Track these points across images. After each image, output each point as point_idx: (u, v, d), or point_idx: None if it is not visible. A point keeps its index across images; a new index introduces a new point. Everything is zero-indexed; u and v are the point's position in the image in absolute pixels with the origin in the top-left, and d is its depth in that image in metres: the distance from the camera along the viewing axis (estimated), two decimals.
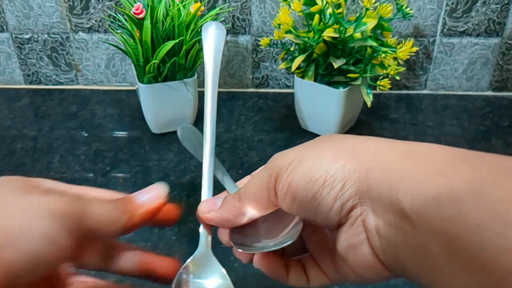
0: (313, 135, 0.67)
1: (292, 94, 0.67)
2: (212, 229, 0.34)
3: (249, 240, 0.32)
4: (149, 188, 0.31)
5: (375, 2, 0.56)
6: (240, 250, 0.32)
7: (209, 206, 0.33)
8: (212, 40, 0.39)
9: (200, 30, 0.63)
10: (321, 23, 0.59)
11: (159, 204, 0.31)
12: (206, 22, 0.41)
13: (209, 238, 0.34)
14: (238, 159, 0.62)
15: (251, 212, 0.31)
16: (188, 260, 0.34)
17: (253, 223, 0.32)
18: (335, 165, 0.27)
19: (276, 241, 0.31)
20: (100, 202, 0.28)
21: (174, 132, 0.68)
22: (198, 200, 0.35)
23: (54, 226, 0.25)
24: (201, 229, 0.34)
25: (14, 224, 0.24)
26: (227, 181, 0.37)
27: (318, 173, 0.27)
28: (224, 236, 0.33)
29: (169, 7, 0.62)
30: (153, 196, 0.31)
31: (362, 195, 0.26)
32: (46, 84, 0.80)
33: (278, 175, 0.29)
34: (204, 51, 0.39)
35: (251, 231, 0.33)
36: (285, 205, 0.29)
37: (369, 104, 0.59)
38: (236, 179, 0.38)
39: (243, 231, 0.33)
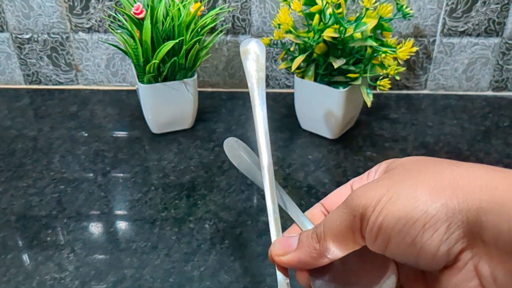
0: (313, 135, 0.67)
1: (292, 94, 0.67)
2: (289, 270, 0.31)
3: (332, 287, 0.29)
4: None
5: (375, 2, 0.56)
6: None
7: (283, 247, 0.30)
8: (255, 57, 0.37)
9: (200, 30, 0.63)
10: (321, 23, 0.59)
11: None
12: (244, 40, 0.39)
13: (288, 281, 0.31)
14: None
15: (334, 253, 0.27)
16: None
17: (335, 264, 0.29)
18: (434, 203, 0.23)
19: None
20: None
21: (174, 132, 0.68)
22: (198, 200, 0.35)
23: None
24: (278, 272, 0.31)
25: None
26: (294, 212, 0.34)
27: (416, 214, 0.23)
28: (302, 278, 0.30)
29: (169, 7, 0.62)
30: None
31: (472, 237, 0.23)
32: (46, 84, 0.80)
33: (363, 216, 0.25)
34: (248, 69, 0.37)
35: (335, 274, 0.30)
36: (376, 248, 0.26)
37: (369, 104, 0.59)
38: (236, 179, 0.37)
39: (324, 273, 0.30)
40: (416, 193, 0.24)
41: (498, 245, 0.22)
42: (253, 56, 0.38)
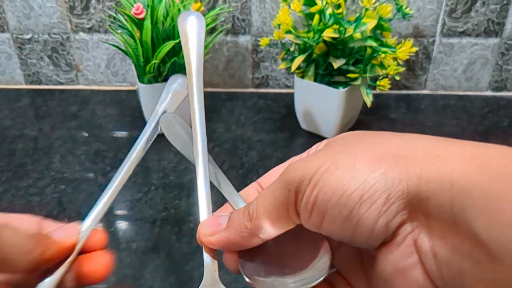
0: (313, 135, 0.67)
1: (292, 94, 0.67)
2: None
3: (263, 270, 0.27)
4: (65, 226, 0.28)
5: (375, 2, 0.56)
6: (249, 281, 0.26)
7: (212, 227, 0.27)
8: (195, 31, 0.35)
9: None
10: (321, 23, 0.59)
11: (73, 242, 0.27)
12: (182, 12, 0.37)
13: (215, 263, 0.28)
14: (238, 159, 0.62)
15: (267, 232, 0.25)
16: None
17: (266, 246, 0.27)
18: (373, 173, 0.22)
19: (298, 277, 0.25)
20: (14, 231, 0.25)
21: None
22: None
23: None
24: (205, 254, 0.28)
25: None
26: (228, 191, 0.32)
27: (353, 184, 0.21)
28: (230, 261, 0.28)
29: (169, 7, 0.62)
30: (68, 233, 0.27)
31: (412, 209, 0.21)
32: (47, 84, 0.80)
33: (299, 190, 0.23)
34: (185, 43, 0.34)
35: (266, 256, 0.28)
36: (311, 224, 0.24)
37: (369, 104, 0.59)
38: (236, 179, 0.38)
39: (255, 256, 0.28)
40: (355, 163, 0.22)
41: (439, 217, 0.20)
42: (193, 27, 0.36)
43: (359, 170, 0.22)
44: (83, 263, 0.28)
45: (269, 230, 0.25)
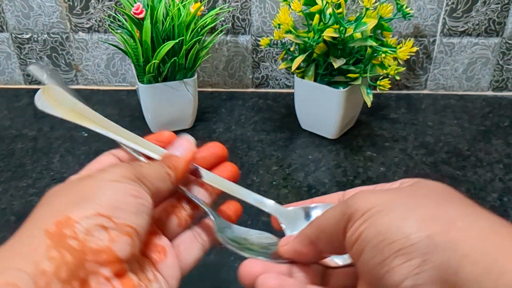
0: (313, 135, 0.67)
1: (292, 94, 0.67)
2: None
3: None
4: (179, 141, 0.31)
5: (375, 2, 0.56)
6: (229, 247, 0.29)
7: (286, 239, 0.29)
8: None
9: (200, 30, 0.63)
10: (321, 23, 0.59)
11: (193, 153, 0.31)
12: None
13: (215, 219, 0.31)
14: (238, 159, 0.62)
15: (321, 246, 0.26)
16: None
17: None
18: (420, 232, 0.21)
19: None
20: (148, 165, 0.29)
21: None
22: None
23: (139, 190, 0.26)
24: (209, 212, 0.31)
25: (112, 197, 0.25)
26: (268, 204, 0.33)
27: (396, 235, 0.21)
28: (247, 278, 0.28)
29: (169, 7, 0.62)
30: (186, 147, 0.31)
31: (445, 285, 0.20)
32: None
33: (350, 218, 0.24)
34: None
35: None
36: (352, 255, 0.24)
37: (369, 104, 0.59)
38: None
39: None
40: (408, 215, 0.22)
41: None
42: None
43: (408, 223, 0.21)
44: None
45: (325, 247, 0.26)
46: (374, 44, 0.57)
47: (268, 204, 0.33)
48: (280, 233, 0.32)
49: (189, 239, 0.31)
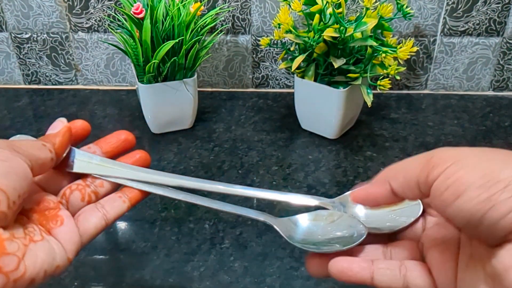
0: (313, 135, 0.67)
1: (292, 94, 0.67)
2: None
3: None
4: (53, 124, 0.35)
5: (376, 2, 0.56)
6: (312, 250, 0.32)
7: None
8: None
9: (200, 30, 0.63)
10: (321, 23, 0.59)
11: (67, 128, 0.34)
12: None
13: None
14: (238, 159, 0.62)
15: (397, 188, 0.29)
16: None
17: None
18: None
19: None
20: (27, 142, 0.31)
21: (174, 132, 0.67)
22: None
23: (7, 155, 0.29)
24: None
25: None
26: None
27: (502, 175, 0.24)
28: (314, 267, 0.33)
29: (169, 7, 0.61)
30: (59, 125, 0.34)
31: None
32: (46, 84, 0.80)
33: (439, 164, 0.26)
34: None
35: None
36: (438, 201, 0.26)
37: (369, 104, 0.59)
38: (236, 179, 0.38)
39: None
40: (507, 159, 0.25)
41: None
42: None
43: (509, 165, 0.25)
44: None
45: (398, 189, 0.29)
46: (374, 44, 0.57)
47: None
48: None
49: (90, 209, 0.34)
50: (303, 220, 0.36)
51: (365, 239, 0.32)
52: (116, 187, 0.37)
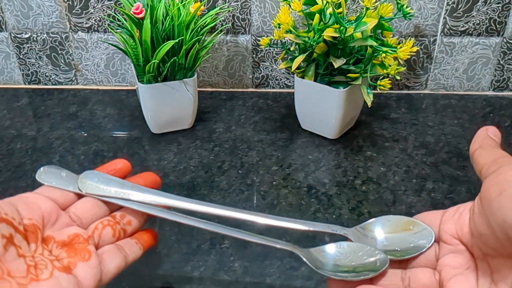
0: (313, 135, 0.67)
1: (292, 94, 0.67)
2: None
3: None
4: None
5: (376, 2, 0.56)
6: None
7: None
8: None
9: (200, 30, 0.63)
10: (321, 23, 0.59)
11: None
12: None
13: None
14: (238, 159, 0.62)
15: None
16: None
17: None
18: None
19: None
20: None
21: (174, 132, 0.67)
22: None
23: None
24: None
25: None
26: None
27: None
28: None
29: (169, 7, 0.61)
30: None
31: None
32: (46, 84, 0.80)
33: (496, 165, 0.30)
34: None
35: None
36: (484, 195, 0.30)
37: (369, 104, 0.59)
38: (236, 179, 0.38)
39: None
40: None
41: None
42: None
43: None
44: None
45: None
46: (374, 44, 0.57)
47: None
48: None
49: (113, 249, 0.34)
50: (330, 250, 0.38)
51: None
52: (142, 225, 0.38)
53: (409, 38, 0.73)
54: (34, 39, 0.75)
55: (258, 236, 0.39)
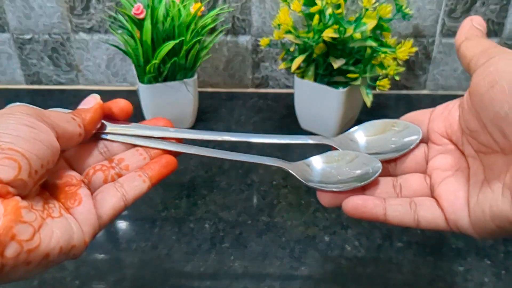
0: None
1: (292, 94, 0.67)
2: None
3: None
4: (86, 99, 0.35)
5: (375, 3, 0.56)
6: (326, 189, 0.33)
7: None
8: None
9: (200, 31, 0.63)
10: (321, 23, 0.59)
11: (99, 105, 0.35)
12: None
13: None
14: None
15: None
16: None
17: None
18: None
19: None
20: (56, 113, 0.30)
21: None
22: (198, 200, 0.35)
23: (35, 122, 0.27)
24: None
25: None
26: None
27: None
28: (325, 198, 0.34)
29: (170, 7, 0.62)
30: (91, 101, 0.35)
31: None
32: (47, 84, 0.80)
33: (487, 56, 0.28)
34: None
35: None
36: (475, 89, 0.28)
37: (368, 104, 0.60)
38: (235, 179, 0.38)
39: None
40: None
41: None
42: None
43: None
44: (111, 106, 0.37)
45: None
46: (373, 44, 0.57)
47: None
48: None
49: (108, 189, 0.33)
50: (316, 162, 0.37)
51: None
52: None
53: (408, 38, 0.73)
54: (36, 40, 0.76)
55: (248, 156, 0.39)
